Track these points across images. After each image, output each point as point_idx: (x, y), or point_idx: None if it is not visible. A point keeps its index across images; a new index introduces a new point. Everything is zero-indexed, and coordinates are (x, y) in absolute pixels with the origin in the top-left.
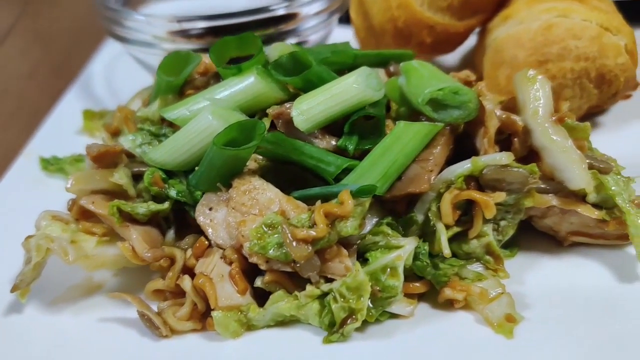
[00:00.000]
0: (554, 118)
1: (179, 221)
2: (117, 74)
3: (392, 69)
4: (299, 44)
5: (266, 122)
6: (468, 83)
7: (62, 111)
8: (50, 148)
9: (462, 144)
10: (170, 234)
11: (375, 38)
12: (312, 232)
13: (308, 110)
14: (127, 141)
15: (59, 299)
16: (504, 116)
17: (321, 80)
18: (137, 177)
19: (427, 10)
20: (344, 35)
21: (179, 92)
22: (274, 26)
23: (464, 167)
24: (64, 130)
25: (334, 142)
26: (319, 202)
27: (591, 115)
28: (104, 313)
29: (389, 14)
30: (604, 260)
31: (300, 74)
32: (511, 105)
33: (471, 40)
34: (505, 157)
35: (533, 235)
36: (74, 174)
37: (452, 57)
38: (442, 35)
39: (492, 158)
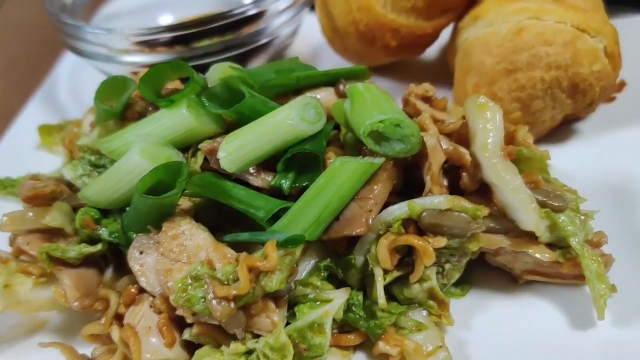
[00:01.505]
0: (502, 152)
1: (117, 259)
2: (83, 79)
3: (341, 87)
4: (269, 42)
5: (200, 157)
6: (426, 99)
7: (23, 123)
8: (7, 165)
9: (412, 174)
10: (109, 273)
11: (340, 39)
12: (233, 291)
13: (236, 150)
14: (68, 171)
15: (1, 339)
16: (450, 148)
17: (255, 113)
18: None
19: (390, 12)
20: (315, 25)
21: (120, 117)
22: (240, 29)
23: (401, 209)
24: (23, 145)
25: (269, 179)
26: (243, 254)
27: (569, 122)
28: (44, 355)
29: (350, 16)
30: (559, 300)
31: (232, 107)
32: (464, 132)
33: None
34: (445, 201)
35: (488, 270)
36: (7, 213)
37: (430, 52)
38: (408, 37)
39: (430, 201)
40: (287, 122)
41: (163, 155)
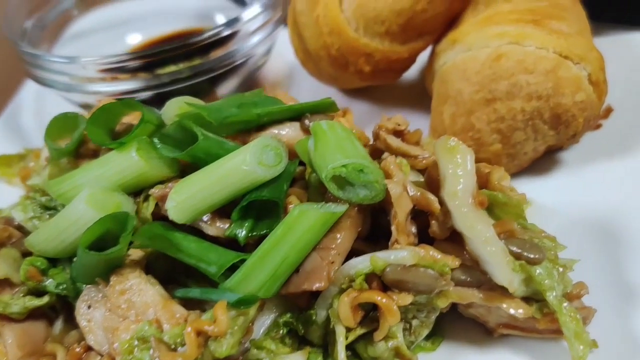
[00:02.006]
0: (473, 200)
1: (67, 310)
2: (48, 105)
3: (307, 122)
4: (241, 64)
5: (152, 202)
6: (398, 132)
7: None
8: None
9: (379, 219)
10: (58, 325)
11: (313, 62)
12: (179, 358)
13: (186, 200)
14: (18, 212)
15: None
16: (418, 194)
17: (210, 156)
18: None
19: (363, 36)
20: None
21: (74, 154)
22: (209, 53)
23: (363, 263)
24: None
25: (225, 227)
26: (192, 315)
27: (553, 152)
28: None
29: (322, 40)
30: (537, 356)
31: (186, 150)
32: (435, 174)
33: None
34: (410, 256)
35: (460, 322)
36: None
37: (410, 73)
38: (382, 62)
39: (394, 256)
40: (243, 167)
41: (111, 202)
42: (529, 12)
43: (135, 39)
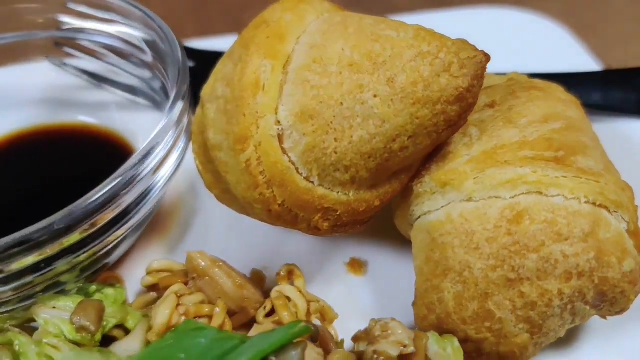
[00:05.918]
0: None
1: None
2: None
3: None
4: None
5: None
6: (403, 357)
7: None
8: None
9: None
10: None
11: (240, 206)
12: None
13: None
14: None
15: None
16: None
17: None
18: None
19: (317, 186)
20: None
21: None
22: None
23: None
24: None
25: None
26: None
27: None
28: None
29: (257, 192)
30: None
31: None
32: None
33: None
34: None
35: None
36: None
37: None
38: (346, 216)
39: None
40: None
41: None
42: (546, 144)
43: None
